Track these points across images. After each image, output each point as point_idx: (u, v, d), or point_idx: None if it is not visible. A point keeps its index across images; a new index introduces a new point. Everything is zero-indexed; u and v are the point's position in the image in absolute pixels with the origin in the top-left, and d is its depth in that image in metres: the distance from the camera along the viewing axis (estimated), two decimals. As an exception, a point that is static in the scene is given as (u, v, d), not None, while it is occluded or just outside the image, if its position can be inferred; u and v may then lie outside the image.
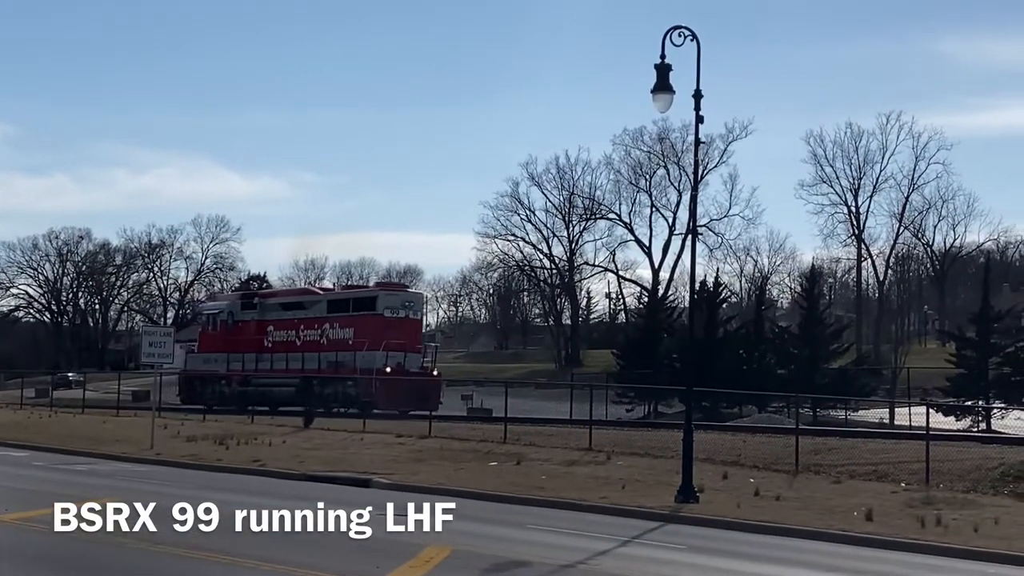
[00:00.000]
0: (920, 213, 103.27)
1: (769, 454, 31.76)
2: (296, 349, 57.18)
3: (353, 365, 53.11)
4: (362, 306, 55.58)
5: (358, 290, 63.27)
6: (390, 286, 63.30)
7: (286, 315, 59.26)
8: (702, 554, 19.77)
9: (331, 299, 58.67)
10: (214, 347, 61.98)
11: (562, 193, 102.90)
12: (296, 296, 62.57)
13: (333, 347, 55.44)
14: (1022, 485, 26.67)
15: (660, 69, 25.88)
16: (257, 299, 62.75)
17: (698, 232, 29.54)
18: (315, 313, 57.78)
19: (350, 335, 54.82)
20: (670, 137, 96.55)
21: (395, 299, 55.75)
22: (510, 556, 17.91)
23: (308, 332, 57.57)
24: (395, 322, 54.11)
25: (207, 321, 65.14)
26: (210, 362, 62.00)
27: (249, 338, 59.80)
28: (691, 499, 25.57)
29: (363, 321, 54.34)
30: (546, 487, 28.33)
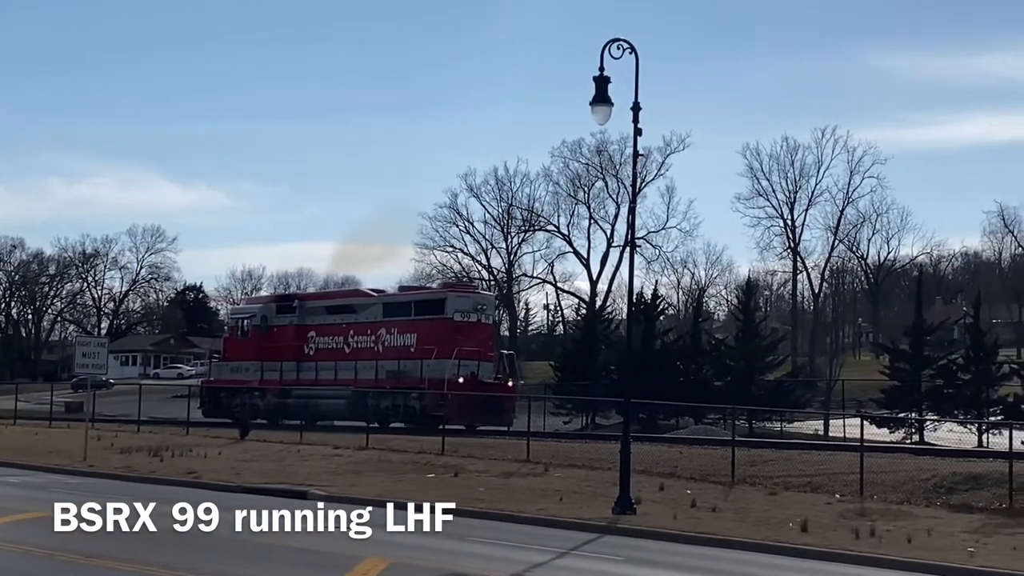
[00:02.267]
0: (855, 226, 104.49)
1: (706, 466, 31.92)
2: (345, 357, 51.67)
3: (418, 375, 47.81)
4: (427, 309, 49.62)
5: (421, 291, 56.49)
6: (459, 287, 57.23)
7: (332, 319, 53.47)
8: (639, 566, 19.83)
9: (387, 302, 52.58)
10: (244, 355, 56.16)
11: (501, 205, 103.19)
12: (344, 298, 56.42)
13: (392, 355, 49.78)
14: (955, 496, 26.99)
15: (598, 81, 25.98)
16: (297, 302, 56.32)
17: (636, 244, 29.58)
18: (368, 317, 51.99)
19: (412, 341, 49.27)
20: (608, 149, 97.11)
21: (466, 301, 49.73)
22: (448, 568, 17.87)
23: (360, 338, 51.79)
24: (465, 327, 48.55)
25: (235, 326, 59.06)
26: (239, 371, 56.40)
27: (287, 345, 54.02)
28: (628, 511, 25.63)
29: (429, 326, 48.67)
30: (484, 499, 28.27)
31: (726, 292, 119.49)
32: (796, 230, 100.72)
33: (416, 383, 47.64)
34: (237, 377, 56.14)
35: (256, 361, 54.81)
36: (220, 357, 59.18)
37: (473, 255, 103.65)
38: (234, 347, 57.68)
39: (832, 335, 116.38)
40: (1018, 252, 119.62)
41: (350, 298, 55.76)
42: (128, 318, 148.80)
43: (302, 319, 54.15)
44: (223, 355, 58.84)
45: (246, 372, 55.54)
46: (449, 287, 55.09)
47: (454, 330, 47.70)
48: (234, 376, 56.53)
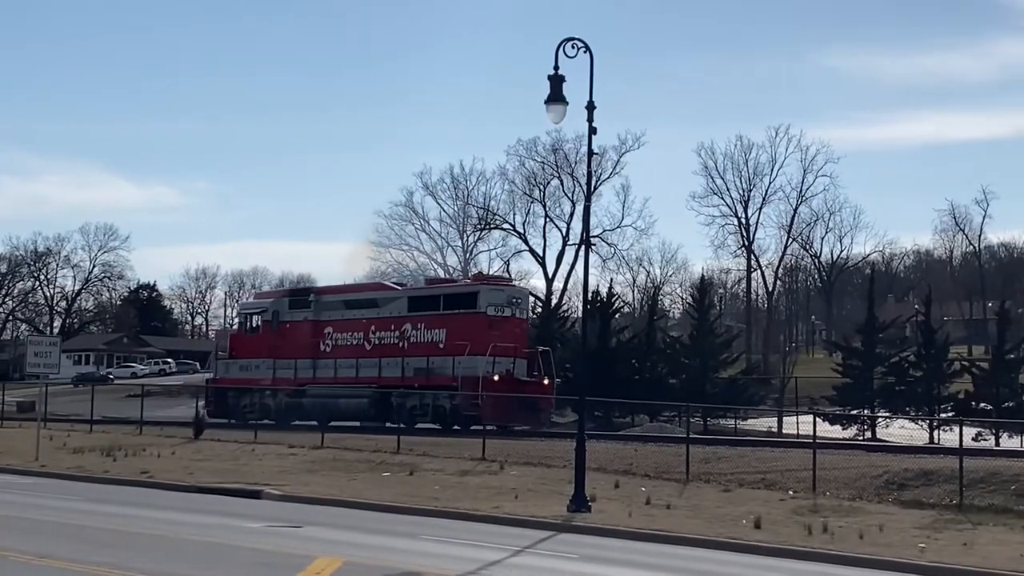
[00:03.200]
0: (808, 225, 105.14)
1: (660, 463, 32.04)
2: (367, 354, 48.92)
3: (450, 372, 45.31)
4: (458, 303, 46.93)
5: (452, 284, 53.95)
6: (493, 280, 52.89)
7: (351, 314, 50.50)
8: (594, 563, 19.87)
9: (414, 295, 50.01)
10: (254, 352, 53.12)
11: (456, 203, 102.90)
12: (365, 292, 52.92)
13: (419, 351, 47.19)
14: (906, 492, 27.20)
15: (553, 80, 25.99)
16: (312, 296, 53.05)
17: (591, 243, 29.61)
18: (392, 312, 48.97)
19: (442, 337, 46.65)
20: (564, 148, 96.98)
21: (500, 295, 46.81)
22: (402, 567, 17.83)
23: (383, 334, 48.85)
24: (499, 322, 45.79)
25: (244, 322, 55.80)
26: (248, 370, 53.27)
27: (301, 341, 51.09)
28: (583, 508, 25.68)
29: (461, 321, 46.02)
30: (439, 497, 28.27)
31: (681, 290, 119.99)
32: (750, 228, 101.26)
33: (447, 381, 45.31)
34: (246, 376, 53.28)
35: (267, 359, 52.13)
36: (227, 355, 55.88)
37: (429, 253, 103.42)
38: (242, 344, 54.58)
39: (786, 333, 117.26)
40: (969, 250, 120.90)
41: (372, 292, 52.69)
42: (81, 317, 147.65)
43: (318, 314, 51.41)
44: (230, 353, 55.58)
45: (256, 370, 52.65)
46: (483, 280, 51.10)
47: (488, 325, 45.36)
48: (243, 375, 53.61)
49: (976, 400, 55.12)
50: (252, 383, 52.31)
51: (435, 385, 45.68)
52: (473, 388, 43.18)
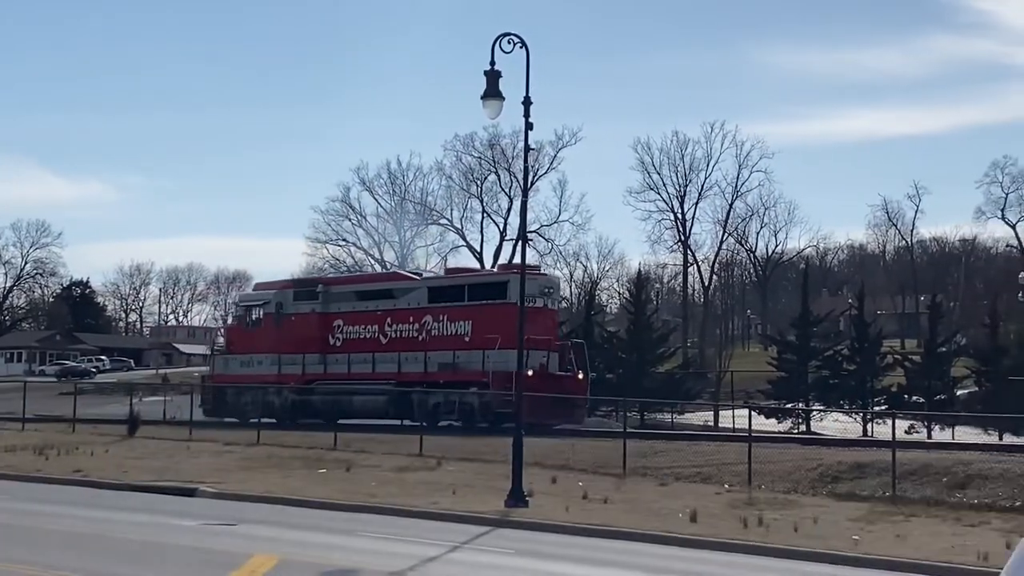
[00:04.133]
0: (743, 220, 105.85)
1: (598, 458, 32.16)
2: (382, 348, 46.19)
3: (479, 367, 42.54)
4: (486, 293, 43.97)
5: (477, 274, 51.01)
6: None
7: (364, 306, 47.66)
8: (531, 558, 19.90)
9: (435, 285, 46.93)
10: (255, 347, 50.23)
11: (393, 198, 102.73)
12: (380, 282, 49.99)
13: (442, 345, 44.52)
14: (840, 485, 27.47)
15: (490, 76, 26.01)
16: (321, 287, 50.28)
17: (528, 238, 29.58)
18: (410, 303, 46.06)
19: (467, 330, 43.93)
20: (501, 143, 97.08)
21: (532, 284, 42.15)
22: (338, 564, 17.77)
23: (400, 327, 46.07)
24: (532, 312, 41.12)
25: (244, 315, 52.60)
26: (249, 366, 50.40)
27: (308, 335, 48.26)
28: (521, 503, 25.73)
29: (489, 312, 42.97)
30: (377, 494, 28.21)
31: (618, 285, 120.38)
32: (686, 223, 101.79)
33: (475, 376, 42.64)
34: (247, 372, 50.23)
35: (271, 353, 49.21)
36: (223, 350, 53.14)
37: (366, 249, 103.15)
38: (242, 338, 51.70)
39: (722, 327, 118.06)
40: (901, 245, 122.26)
41: (387, 282, 49.50)
42: (12, 314, 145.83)
43: (326, 306, 48.62)
44: (227, 347, 52.96)
45: (259, 366, 49.80)
46: (512, 268, 47.33)
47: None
48: (244, 371, 50.54)
49: (909, 393, 55.70)
50: (255, 379, 49.25)
51: (461, 381, 43.18)
52: (505, 384, 40.27)
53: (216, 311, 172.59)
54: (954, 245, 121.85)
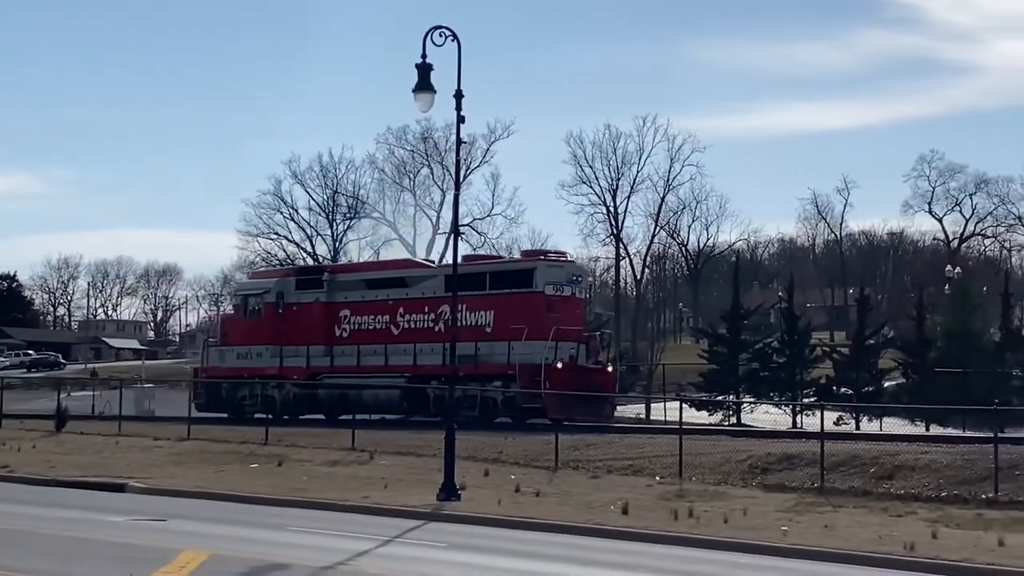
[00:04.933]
0: (675, 213, 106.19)
1: (530, 451, 32.19)
2: (394, 339, 43.25)
3: (503, 360, 39.86)
4: (510, 281, 41.38)
5: (499, 261, 48.14)
6: (551, 254, 46.14)
7: (373, 295, 44.66)
8: (463, 551, 19.92)
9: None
10: (254, 338, 47.02)
11: (325, 191, 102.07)
12: (391, 270, 46.66)
13: (461, 336, 39.35)
14: (769, 476, 27.72)
15: (421, 68, 26.00)
16: (327, 275, 47.12)
17: (461, 231, 29.58)
18: (424, 292, 43.16)
19: (489, 320, 41.09)
20: (434, 136, 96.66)
21: (559, 272, 41.19)
22: (269, 559, 17.68)
23: (414, 317, 43.13)
24: (558, 302, 40.51)
25: (241, 305, 49.11)
26: (248, 358, 47.23)
27: (312, 326, 45.17)
28: (453, 497, 25.75)
29: (514, 301, 40.55)
30: (308, 488, 28.13)
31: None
32: (619, 217, 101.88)
33: (499, 369, 40.07)
34: (245, 365, 47.25)
35: (272, 345, 46.23)
36: (218, 341, 49.85)
37: (298, 242, 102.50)
38: (240, 329, 48.28)
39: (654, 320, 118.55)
40: (831, 238, 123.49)
41: (399, 269, 46.64)
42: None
43: (332, 295, 45.67)
44: (222, 339, 49.48)
45: (259, 358, 46.82)
46: (538, 255, 44.62)
47: (547, 306, 40.12)
48: (241, 364, 47.40)
49: (837, 385, 56.32)
50: (253, 373, 46.65)
51: (484, 374, 40.46)
52: (534, 377, 38.52)
53: (146, 304, 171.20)
54: (882, 238, 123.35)
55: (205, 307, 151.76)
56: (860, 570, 19.00)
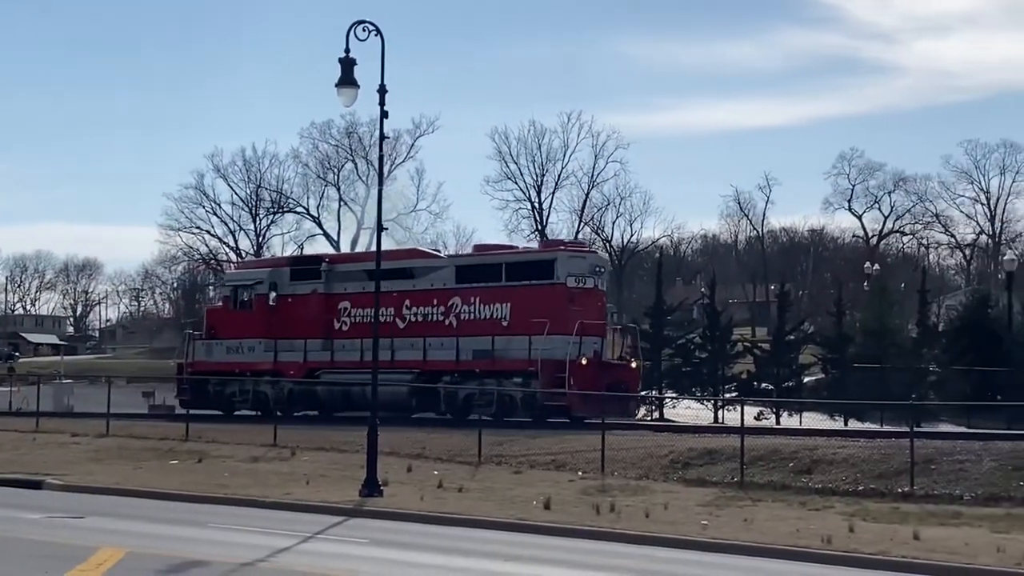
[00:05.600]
0: (599, 209, 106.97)
1: (453, 446, 32.20)
2: (400, 333, 40.96)
3: (523, 355, 37.93)
4: (529, 273, 39.24)
5: (518, 252, 46.01)
6: (572, 245, 43.88)
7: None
8: (384, 547, 19.89)
9: (464, 264, 42.35)
10: (245, 331, 44.57)
11: (249, 186, 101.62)
12: (397, 260, 42.74)
13: (474, 330, 39.68)
14: (691, 471, 27.93)
15: (344, 63, 25.97)
16: (325, 265, 44.79)
17: (384, 227, 29.39)
18: (433, 283, 41.19)
19: (505, 313, 39.19)
20: (358, 131, 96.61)
21: (581, 263, 39.38)
22: (188, 556, 17.54)
23: (421, 310, 41.18)
24: (580, 294, 38.62)
25: (231, 296, 46.61)
26: (238, 352, 44.92)
27: (308, 318, 42.83)
28: (375, 493, 25.73)
29: (534, 294, 38.61)
30: (229, 485, 27.96)
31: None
32: (543, 213, 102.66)
33: (518, 365, 38.22)
34: (235, 359, 44.95)
35: (265, 338, 44.04)
36: (203, 334, 47.35)
37: (220, 237, 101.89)
38: (229, 322, 45.81)
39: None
40: (753, 235, 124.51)
41: (406, 259, 43.88)
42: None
43: (330, 286, 43.54)
44: (208, 332, 46.94)
45: (251, 353, 44.60)
46: (559, 245, 42.73)
47: (568, 299, 38.20)
48: (231, 358, 45.03)
49: (758, 380, 56.86)
50: (245, 367, 44.63)
51: (502, 370, 38.82)
52: (556, 373, 36.84)
53: (65, 299, 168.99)
54: (803, 235, 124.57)
55: (126, 302, 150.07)
56: (778, 563, 19.21)
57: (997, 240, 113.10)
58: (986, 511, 22.56)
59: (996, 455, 25.65)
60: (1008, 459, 25.28)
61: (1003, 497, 23.60)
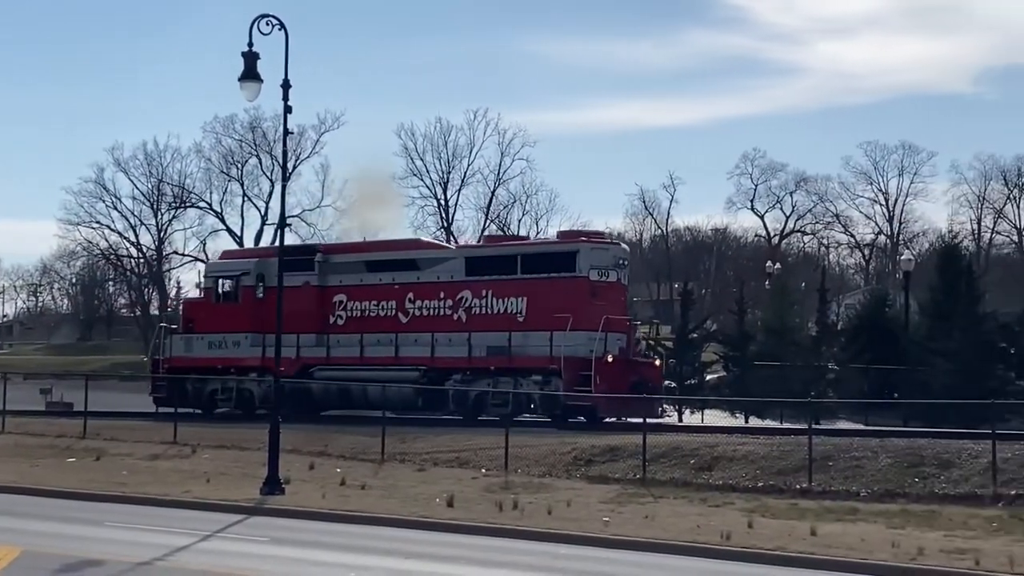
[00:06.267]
0: (506, 207, 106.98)
1: (356, 444, 32.06)
2: (404, 328, 39.02)
3: (544, 352, 35.71)
4: (547, 265, 37.18)
5: (535, 243, 43.41)
6: (594, 235, 41.00)
7: (377, 278, 40.30)
8: (285, 545, 19.76)
9: (475, 255, 40.32)
10: (230, 325, 41.86)
11: (150, 180, 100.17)
12: (400, 251, 41.57)
13: (486, 325, 37.42)
14: (593, 468, 28.07)
15: (247, 57, 25.74)
16: (319, 255, 42.05)
17: (288, 223, 29.14)
18: (440, 276, 38.93)
19: (521, 307, 37.09)
20: (262, 126, 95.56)
21: (604, 255, 37.15)
22: (84, 555, 17.31)
23: (427, 303, 38.94)
24: (603, 288, 36.60)
25: (213, 287, 43.51)
26: (222, 347, 42.23)
27: (300, 311, 38.79)
28: (277, 491, 25.54)
29: (554, 287, 36.47)
30: (128, 483, 27.62)
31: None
32: (449, 210, 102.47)
33: (538, 362, 36.06)
34: (219, 355, 42.18)
35: (252, 333, 41.24)
36: (181, 328, 44.64)
37: (121, 232, 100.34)
38: (211, 315, 42.89)
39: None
40: (657, 233, 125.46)
41: (410, 250, 41.87)
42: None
43: (324, 278, 41.09)
44: (186, 325, 44.13)
45: (236, 348, 41.95)
46: (580, 236, 40.04)
47: (591, 293, 36.18)
48: (214, 353, 42.14)
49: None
50: (230, 363, 42.00)
51: (519, 368, 36.64)
52: (581, 371, 34.84)
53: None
54: (706, 234, 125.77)
55: (23, 297, 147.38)
56: (678, 559, 19.40)
57: (895, 240, 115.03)
58: (882, 507, 22.95)
59: (892, 452, 26.11)
60: (903, 456, 25.74)
61: (898, 493, 24.02)
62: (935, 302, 51.24)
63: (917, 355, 48.27)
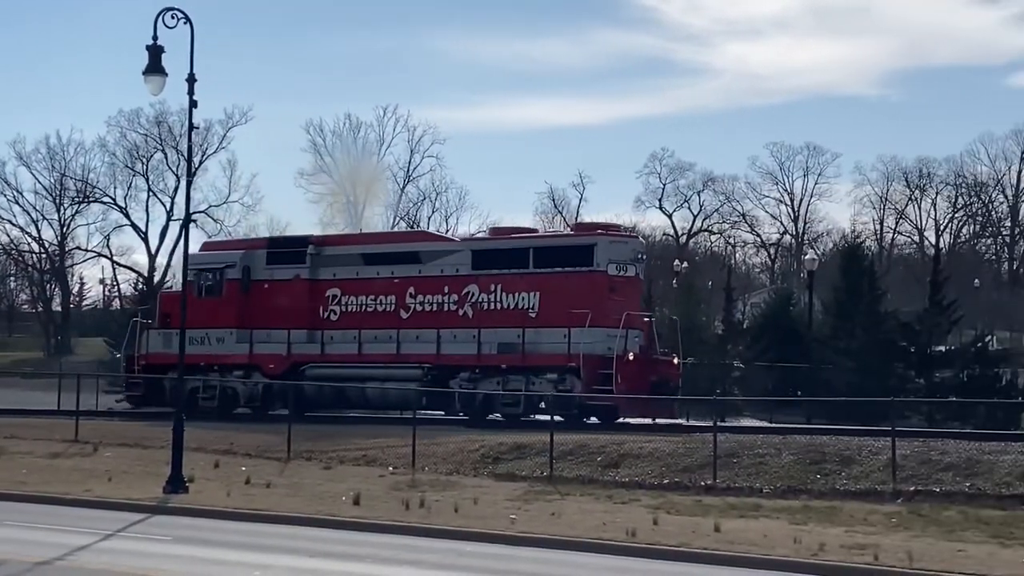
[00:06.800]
0: (415, 204, 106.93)
1: (262, 442, 31.82)
2: (404, 324, 37.40)
3: (562, 349, 34.26)
4: (562, 259, 35.76)
5: (548, 236, 42.09)
6: (612, 228, 39.36)
7: (374, 272, 38.46)
8: (187, 544, 19.56)
9: (482, 248, 38.32)
10: (213, 320, 39.34)
11: (53, 174, 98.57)
12: (400, 243, 40.56)
13: (495, 320, 35.90)
14: (500, 466, 28.13)
15: (152, 51, 25.43)
16: (312, 247, 39.78)
17: (193, 219, 28.80)
18: (444, 269, 37.26)
19: (534, 303, 35.52)
20: (168, 120, 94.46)
21: (623, 249, 35.88)
22: (-22, 556, 16.98)
23: (430, 298, 37.23)
24: (621, 283, 35.30)
25: (196, 280, 39.82)
26: (205, 343, 39.66)
27: (290, 306, 38.60)
28: (180, 489, 25.28)
29: (570, 282, 34.99)
30: (27, 481, 27.18)
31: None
32: (358, 207, 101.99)
33: (555, 360, 34.66)
34: (201, 351, 39.45)
35: (237, 328, 39.60)
36: (158, 323, 41.96)
37: (22, 227, 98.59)
38: (192, 310, 36.11)
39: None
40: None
41: (411, 242, 40.63)
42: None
43: (316, 271, 39.22)
44: (163, 320, 41.47)
45: (220, 344, 39.93)
46: (597, 228, 37.93)
47: (609, 288, 34.92)
48: (195, 350, 38.20)
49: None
50: (213, 360, 40.04)
51: (533, 366, 35.18)
52: (600, 369, 33.59)
53: None
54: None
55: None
56: (584, 556, 19.49)
57: (800, 240, 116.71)
58: (784, 503, 23.25)
59: (795, 449, 26.48)
60: (805, 453, 26.12)
61: (801, 489, 24.36)
62: (838, 301, 52.08)
63: (820, 353, 49.01)
